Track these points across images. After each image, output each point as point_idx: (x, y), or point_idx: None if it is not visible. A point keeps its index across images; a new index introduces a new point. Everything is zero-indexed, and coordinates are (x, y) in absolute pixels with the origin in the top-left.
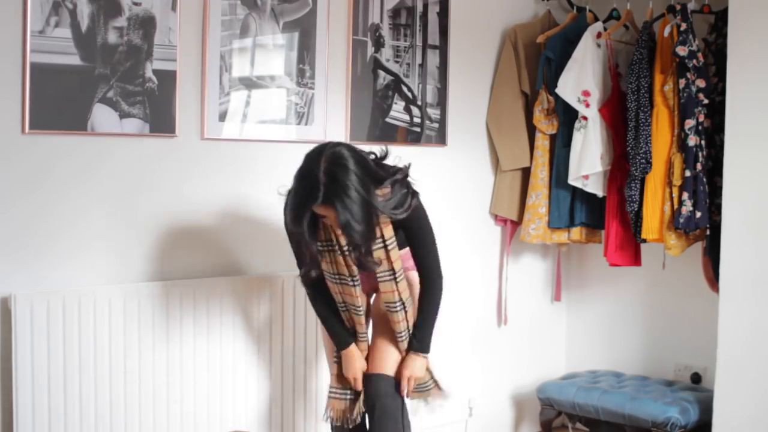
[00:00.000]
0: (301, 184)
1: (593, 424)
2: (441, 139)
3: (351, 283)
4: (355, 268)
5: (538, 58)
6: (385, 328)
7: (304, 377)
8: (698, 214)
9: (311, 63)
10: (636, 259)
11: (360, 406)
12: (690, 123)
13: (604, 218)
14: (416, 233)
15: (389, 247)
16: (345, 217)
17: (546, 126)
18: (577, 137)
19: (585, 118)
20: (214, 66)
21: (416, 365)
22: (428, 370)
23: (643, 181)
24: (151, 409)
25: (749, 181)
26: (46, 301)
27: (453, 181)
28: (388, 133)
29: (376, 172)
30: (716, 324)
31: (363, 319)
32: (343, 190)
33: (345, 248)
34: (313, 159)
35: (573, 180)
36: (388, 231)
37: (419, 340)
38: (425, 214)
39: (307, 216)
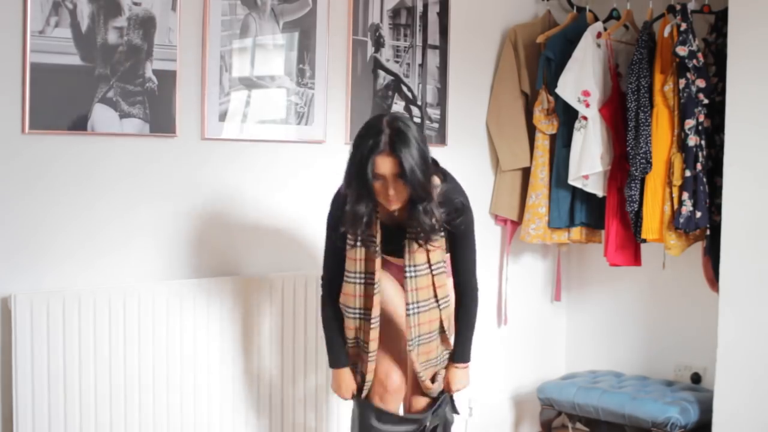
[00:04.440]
0: (362, 140)
1: (593, 424)
2: (441, 139)
3: (376, 289)
4: (380, 272)
5: (538, 58)
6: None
7: (304, 376)
8: (698, 214)
9: (311, 63)
10: (636, 259)
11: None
12: (690, 123)
13: (604, 218)
14: (461, 240)
15: (434, 272)
16: (409, 164)
17: (546, 126)
18: (577, 137)
19: (585, 118)
20: (214, 66)
21: (460, 376)
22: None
23: (643, 181)
24: (151, 410)
25: (749, 181)
26: (46, 301)
27: None
28: None
29: (428, 150)
30: (716, 324)
31: (377, 332)
32: (406, 141)
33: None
34: (374, 118)
35: (573, 180)
36: (435, 255)
37: (461, 351)
38: (473, 221)
39: (368, 180)
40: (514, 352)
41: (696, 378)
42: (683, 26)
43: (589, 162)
